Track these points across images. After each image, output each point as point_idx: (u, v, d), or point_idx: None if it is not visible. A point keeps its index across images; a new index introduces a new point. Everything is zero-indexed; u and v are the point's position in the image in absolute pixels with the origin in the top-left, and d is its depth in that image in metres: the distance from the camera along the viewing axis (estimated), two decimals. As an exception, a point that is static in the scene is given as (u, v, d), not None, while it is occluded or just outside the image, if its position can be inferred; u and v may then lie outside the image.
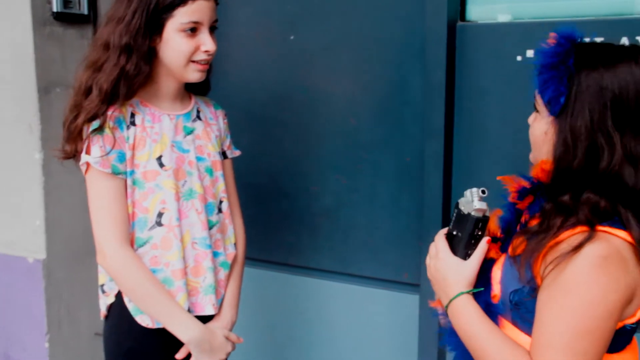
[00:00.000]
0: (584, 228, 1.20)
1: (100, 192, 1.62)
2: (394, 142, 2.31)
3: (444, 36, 2.09)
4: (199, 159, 1.73)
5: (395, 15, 2.23)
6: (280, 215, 2.52)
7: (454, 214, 1.42)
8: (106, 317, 1.74)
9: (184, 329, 1.64)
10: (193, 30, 1.62)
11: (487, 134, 2.14)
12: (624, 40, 1.91)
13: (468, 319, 1.32)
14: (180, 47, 1.62)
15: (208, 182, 1.75)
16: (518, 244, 1.28)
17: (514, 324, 1.30)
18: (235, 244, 1.84)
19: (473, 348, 1.30)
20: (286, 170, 2.50)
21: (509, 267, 1.31)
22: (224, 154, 1.85)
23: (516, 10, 2.09)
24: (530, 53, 2.03)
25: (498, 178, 1.47)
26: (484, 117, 2.14)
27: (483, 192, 1.36)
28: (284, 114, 2.47)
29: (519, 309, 1.28)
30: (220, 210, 1.79)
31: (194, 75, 1.67)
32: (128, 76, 1.59)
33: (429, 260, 1.47)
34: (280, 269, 2.53)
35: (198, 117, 1.78)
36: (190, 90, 1.82)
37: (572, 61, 1.26)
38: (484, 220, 1.34)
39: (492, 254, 1.38)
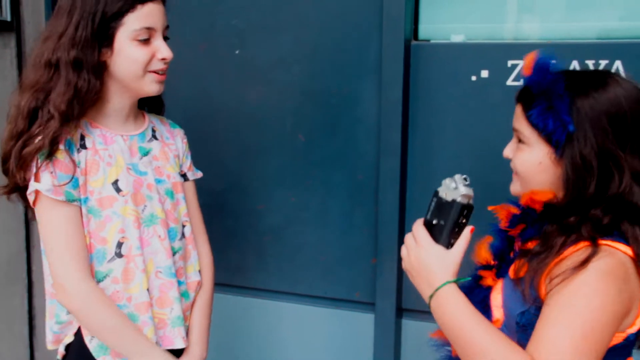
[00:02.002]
0: (587, 243, 1.23)
1: (54, 222, 1.48)
2: (345, 159, 2.29)
3: (401, 53, 2.10)
4: (157, 181, 1.62)
5: (349, 30, 2.22)
6: (225, 235, 2.43)
7: (433, 203, 1.37)
8: (64, 357, 1.59)
9: None
10: (146, 39, 1.51)
11: (441, 152, 2.16)
12: (574, 64, 1.99)
13: (455, 308, 1.25)
14: (135, 56, 1.50)
15: (169, 206, 1.64)
16: (520, 265, 1.29)
17: (521, 346, 1.29)
18: (200, 272, 1.73)
19: (460, 341, 1.22)
20: (231, 189, 2.42)
21: (512, 291, 1.31)
22: (184, 176, 1.75)
23: (469, 31, 2.13)
24: (485, 73, 2.08)
25: (490, 208, 1.47)
26: (438, 135, 2.16)
27: (465, 179, 1.32)
28: (229, 131, 2.39)
29: (527, 330, 1.27)
30: (183, 236, 1.68)
31: (152, 87, 1.56)
32: (80, 94, 1.47)
33: (406, 252, 1.37)
34: (226, 291, 2.44)
35: (154, 136, 1.67)
36: (142, 108, 1.71)
37: (562, 89, 1.27)
38: (469, 208, 1.31)
39: (489, 281, 1.37)
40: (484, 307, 1.34)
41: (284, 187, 2.37)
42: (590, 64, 1.97)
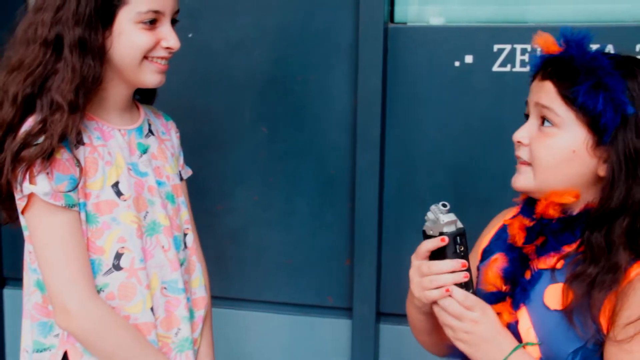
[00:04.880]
0: None
1: (52, 232, 1.25)
2: (314, 153, 2.10)
3: (381, 37, 1.93)
4: (158, 183, 1.40)
5: (316, 10, 2.02)
6: (180, 239, 2.19)
7: None
8: None
9: None
10: (152, 22, 1.28)
11: (422, 145, 2.02)
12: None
13: None
14: (137, 42, 1.28)
15: (171, 212, 1.42)
16: (575, 292, 1.10)
17: None
18: (205, 286, 1.52)
19: None
20: (184, 188, 2.18)
21: (555, 324, 1.13)
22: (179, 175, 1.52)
23: (449, 14, 1.98)
24: (469, 59, 1.94)
25: (505, 222, 1.30)
26: (419, 126, 2.01)
27: (444, 205, 1.17)
28: (182, 124, 2.11)
29: None
30: (186, 245, 1.46)
31: (152, 77, 1.33)
32: (86, 83, 1.24)
33: (457, 322, 1.15)
34: (182, 302, 2.20)
35: (150, 131, 1.44)
36: (133, 97, 1.47)
37: (610, 66, 1.11)
38: (460, 233, 1.15)
39: (506, 317, 1.17)
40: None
41: (245, 185, 2.16)
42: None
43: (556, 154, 1.14)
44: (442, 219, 1.15)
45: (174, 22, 1.34)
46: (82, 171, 1.25)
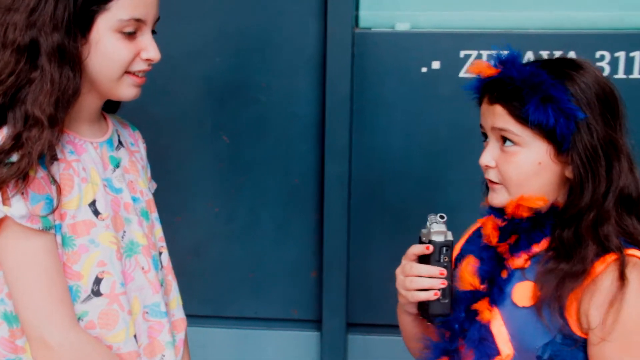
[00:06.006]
0: (614, 256, 1.11)
1: (28, 257, 1.12)
2: (278, 162, 2.04)
3: (349, 44, 1.89)
4: (133, 199, 1.30)
5: (279, 17, 1.97)
6: (136, 255, 2.08)
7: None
8: None
9: None
10: (131, 33, 1.18)
11: (389, 152, 1.99)
12: (529, 55, 1.91)
13: None
14: (116, 53, 1.17)
15: (146, 229, 1.31)
16: (543, 287, 1.13)
17: None
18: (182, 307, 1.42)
19: None
20: (140, 200, 2.07)
21: (525, 320, 1.15)
22: None
23: (415, 19, 1.97)
24: (436, 64, 1.93)
25: (479, 221, 1.31)
26: (386, 132, 1.98)
27: (441, 217, 1.24)
28: (140, 132, 2.04)
29: None
30: (162, 265, 1.37)
31: (129, 91, 1.22)
32: (66, 95, 1.12)
33: None
34: (140, 321, 2.09)
35: (120, 143, 1.34)
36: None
37: (550, 77, 1.14)
38: (446, 245, 1.21)
39: (486, 315, 1.19)
40: (487, 345, 1.18)
41: (206, 196, 2.08)
42: (544, 54, 1.90)
43: (524, 170, 1.17)
44: (433, 228, 1.22)
45: (152, 32, 1.24)
46: (59, 190, 1.15)
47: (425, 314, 1.22)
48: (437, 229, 1.21)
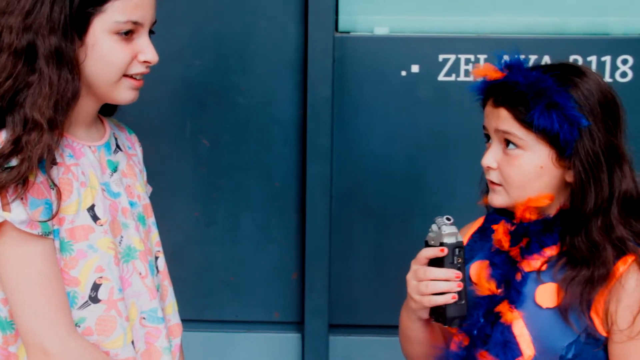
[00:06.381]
0: (633, 256, 1.16)
1: (28, 264, 1.11)
2: (259, 165, 2.04)
3: (330, 47, 1.91)
4: (131, 204, 1.29)
5: (259, 20, 1.97)
6: (116, 260, 2.05)
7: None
8: None
9: None
10: (128, 32, 1.17)
11: (369, 155, 2.01)
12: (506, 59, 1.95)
13: None
14: (113, 56, 1.16)
15: (142, 234, 1.30)
16: (569, 289, 1.17)
17: None
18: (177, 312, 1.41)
19: None
20: (119, 205, 2.05)
21: (548, 321, 1.19)
22: None
23: (394, 24, 2.00)
24: (415, 68, 1.96)
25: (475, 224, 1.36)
26: (366, 135, 2.00)
27: (448, 219, 1.24)
28: (117, 136, 2.02)
29: None
30: (158, 270, 1.36)
31: (127, 94, 1.22)
32: (65, 98, 1.11)
33: None
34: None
35: (118, 146, 1.33)
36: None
37: (556, 83, 1.18)
38: (459, 246, 1.22)
39: (509, 317, 1.21)
40: (510, 347, 1.20)
41: (186, 200, 2.07)
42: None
43: (526, 173, 1.20)
44: (444, 230, 1.21)
45: (150, 32, 1.24)
46: (58, 195, 1.13)
47: (441, 318, 1.21)
48: (448, 230, 1.20)
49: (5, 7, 1.12)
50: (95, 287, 1.18)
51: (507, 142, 1.20)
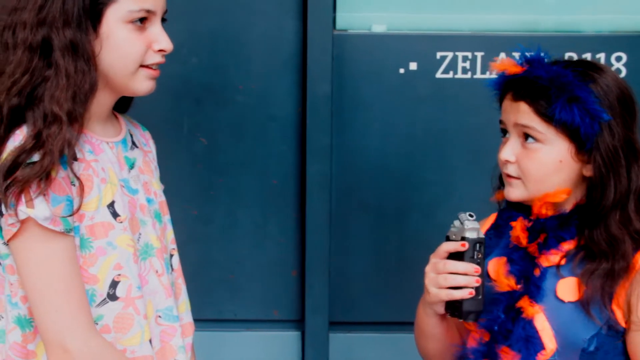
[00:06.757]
0: None
1: (50, 262, 1.10)
2: (257, 163, 2.04)
3: (329, 44, 1.91)
4: (148, 201, 1.28)
5: (256, 17, 1.97)
6: (113, 260, 2.04)
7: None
8: None
9: None
10: (142, 20, 1.17)
11: (367, 151, 2.02)
12: (502, 56, 1.97)
13: None
14: (128, 46, 1.16)
15: (159, 232, 1.30)
16: (589, 283, 1.19)
17: None
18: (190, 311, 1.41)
19: None
20: (116, 204, 2.03)
21: (570, 315, 1.20)
22: None
23: (392, 21, 2.00)
24: (413, 66, 1.97)
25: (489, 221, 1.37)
26: (364, 132, 2.01)
27: (471, 215, 1.24)
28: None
29: (596, 354, 1.19)
30: (172, 268, 1.35)
31: (144, 85, 1.21)
32: (83, 90, 1.11)
33: None
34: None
35: (134, 143, 1.32)
36: None
37: (577, 78, 1.20)
38: (480, 241, 1.22)
39: (530, 311, 1.22)
40: (532, 342, 1.21)
41: (183, 198, 2.04)
42: (516, 56, 1.96)
43: (545, 167, 1.22)
44: (466, 224, 1.21)
45: (162, 21, 1.23)
46: (80, 191, 1.12)
47: (457, 312, 1.21)
48: (471, 226, 1.21)
49: (17, 4, 1.12)
50: (114, 284, 1.18)
51: (526, 136, 1.21)
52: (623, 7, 2.02)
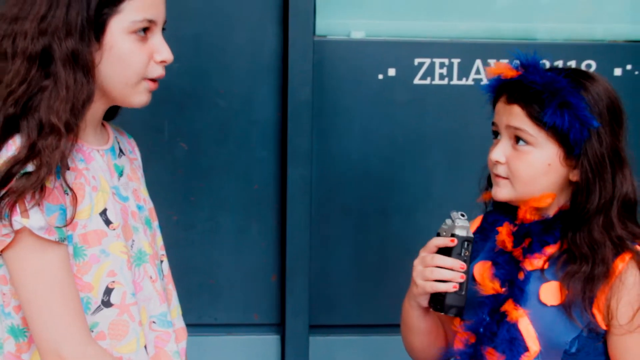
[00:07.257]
0: (630, 254, 1.23)
1: (45, 271, 1.09)
2: (238, 168, 2.05)
3: (310, 50, 1.94)
4: (139, 207, 1.28)
5: (238, 23, 1.99)
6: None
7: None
8: None
9: None
10: (144, 32, 1.17)
11: (347, 156, 2.05)
12: (478, 63, 2.02)
13: None
14: (132, 57, 1.15)
15: (149, 238, 1.30)
16: (570, 287, 1.23)
17: None
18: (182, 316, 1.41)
19: None
20: (96, 209, 2.03)
21: (553, 318, 1.24)
22: None
23: (370, 28, 2.04)
24: (392, 72, 2.00)
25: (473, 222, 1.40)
26: (343, 138, 2.04)
27: (462, 215, 1.28)
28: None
29: (577, 355, 1.24)
30: (163, 274, 1.35)
31: (142, 97, 1.21)
32: (80, 101, 1.11)
33: None
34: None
35: (121, 150, 1.32)
36: None
37: (570, 85, 1.24)
38: (468, 240, 1.27)
39: (514, 314, 1.25)
40: (516, 344, 1.25)
41: (164, 204, 2.00)
42: (491, 63, 2.01)
43: (534, 169, 1.25)
44: (457, 222, 1.26)
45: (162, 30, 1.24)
46: (74, 200, 1.12)
47: (439, 306, 1.25)
48: (461, 224, 1.25)
49: (18, 13, 1.11)
50: (108, 291, 1.18)
51: (517, 139, 1.25)
52: (591, 16, 2.09)
